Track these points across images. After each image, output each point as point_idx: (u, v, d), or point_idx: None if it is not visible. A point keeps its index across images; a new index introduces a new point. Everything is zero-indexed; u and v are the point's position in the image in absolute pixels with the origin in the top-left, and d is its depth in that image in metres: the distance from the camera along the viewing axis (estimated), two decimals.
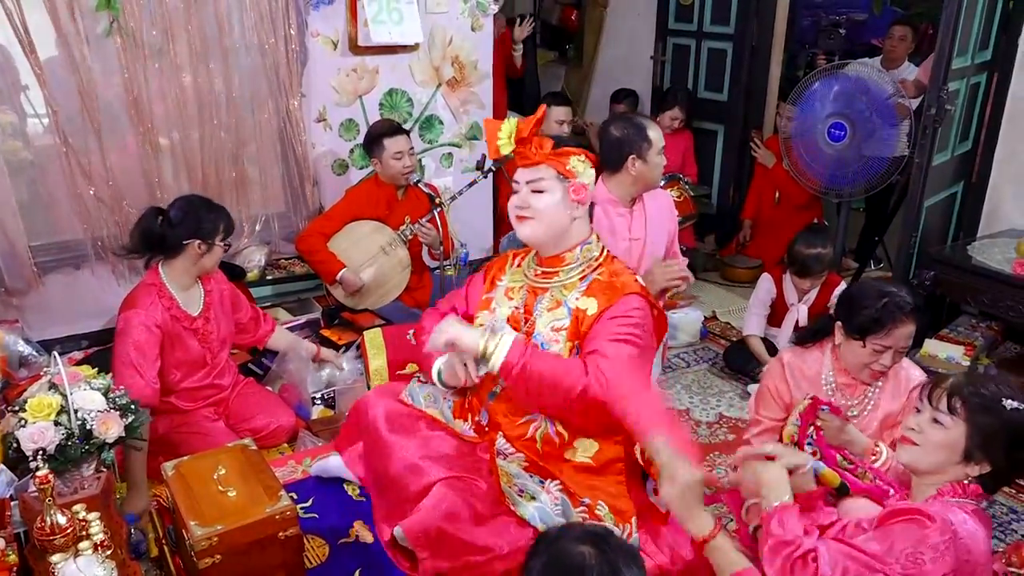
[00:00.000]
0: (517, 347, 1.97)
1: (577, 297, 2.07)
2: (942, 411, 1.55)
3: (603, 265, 2.11)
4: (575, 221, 2.08)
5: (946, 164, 3.55)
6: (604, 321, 2.01)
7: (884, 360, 2.12)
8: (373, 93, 3.85)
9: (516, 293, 2.17)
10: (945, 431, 1.54)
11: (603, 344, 1.97)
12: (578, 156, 2.05)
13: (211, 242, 2.62)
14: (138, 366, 2.52)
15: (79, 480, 2.08)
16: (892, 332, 2.08)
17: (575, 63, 6.19)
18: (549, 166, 2.03)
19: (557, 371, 1.94)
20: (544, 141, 2.04)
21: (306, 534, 2.29)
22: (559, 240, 2.09)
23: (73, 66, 3.04)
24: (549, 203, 2.04)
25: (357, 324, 3.47)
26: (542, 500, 2.02)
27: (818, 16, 6.52)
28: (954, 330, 3.51)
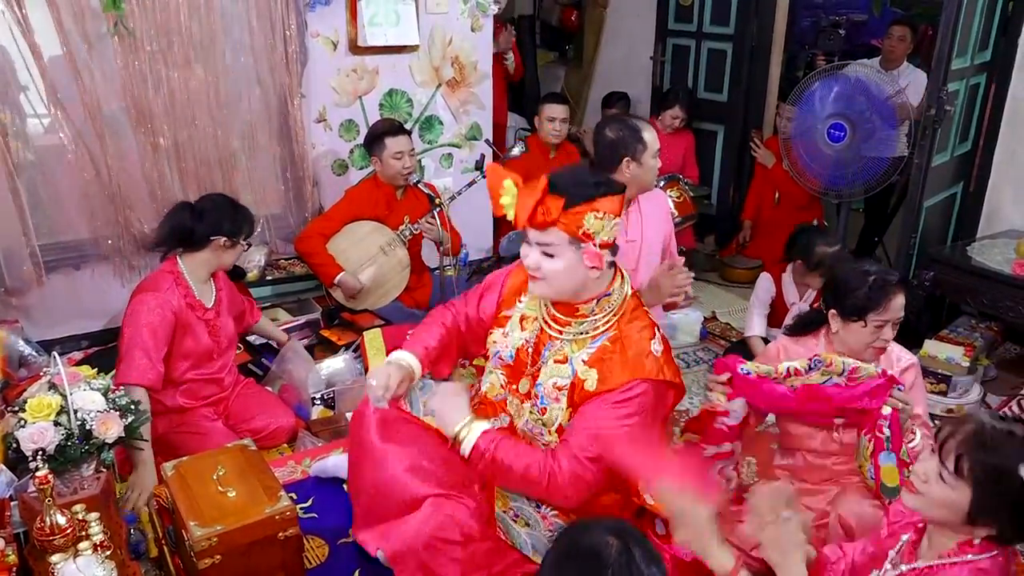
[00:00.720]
0: (485, 437, 1.89)
1: (583, 360, 1.92)
2: (948, 469, 1.43)
3: (620, 321, 1.93)
4: (592, 281, 1.89)
5: (946, 165, 3.55)
6: (598, 403, 1.87)
7: (885, 334, 2.16)
8: (373, 94, 3.85)
9: (530, 324, 2.04)
10: (949, 491, 1.43)
11: (583, 436, 1.86)
12: (596, 213, 1.78)
13: (235, 240, 2.71)
14: (147, 348, 2.54)
15: (79, 480, 2.08)
16: (888, 306, 2.14)
17: (575, 63, 6.20)
18: (560, 230, 1.80)
19: (522, 466, 1.87)
20: (552, 203, 1.77)
21: (306, 534, 2.29)
22: (574, 296, 1.93)
23: (76, 66, 3.04)
24: (559, 269, 1.84)
25: (357, 324, 3.47)
26: (537, 528, 1.99)
27: (818, 17, 6.52)
28: (954, 331, 3.51)
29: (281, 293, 3.81)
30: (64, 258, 3.32)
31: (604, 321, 1.93)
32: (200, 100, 3.36)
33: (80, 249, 3.34)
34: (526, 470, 1.87)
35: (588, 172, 1.96)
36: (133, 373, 2.51)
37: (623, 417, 1.84)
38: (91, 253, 3.35)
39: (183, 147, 3.38)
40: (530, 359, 2.02)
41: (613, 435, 1.82)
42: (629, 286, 2.00)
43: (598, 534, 1.24)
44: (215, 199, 2.79)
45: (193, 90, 3.32)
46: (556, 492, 1.87)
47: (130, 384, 2.50)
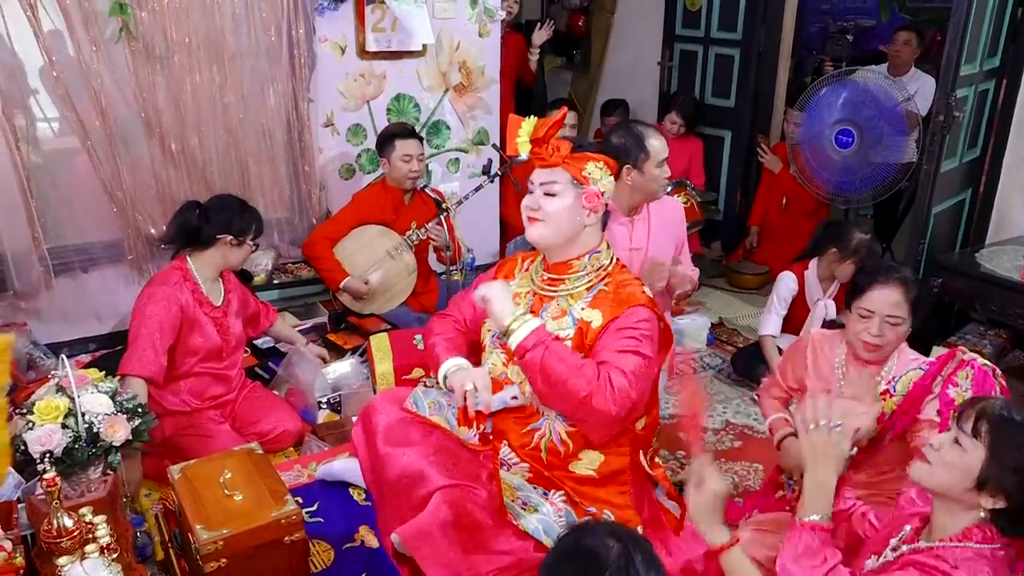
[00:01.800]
0: (537, 334, 1.94)
1: (583, 307, 2.02)
2: (965, 432, 1.45)
3: (611, 275, 2.06)
4: (586, 229, 2.03)
5: (954, 171, 3.54)
6: (610, 333, 1.97)
7: (871, 328, 2.10)
8: (380, 98, 3.86)
9: (523, 299, 2.12)
10: (962, 453, 1.44)
11: (612, 356, 1.94)
12: (596, 162, 2.00)
13: (242, 240, 2.74)
14: (152, 340, 2.57)
15: (86, 483, 2.09)
16: (870, 295, 2.11)
17: (582, 69, 6.20)
18: (564, 169, 1.98)
19: (569, 369, 1.90)
20: (562, 144, 1.98)
21: (312, 538, 2.29)
22: (567, 246, 2.04)
23: (84, 71, 3.05)
24: (559, 207, 1.98)
25: (363, 328, 3.47)
26: (545, 512, 1.99)
27: (825, 22, 6.53)
28: (962, 337, 3.49)
29: (288, 297, 3.81)
30: (73, 261, 3.33)
31: (596, 275, 2.05)
32: (208, 104, 3.37)
33: (89, 252, 3.35)
34: (579, 369, 1.90)
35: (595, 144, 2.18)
36: (135, 364, 2.53)
37: (639, 337, 1.94)
38: (100, 256, 3.36)
39: (191, 151, 3.39)
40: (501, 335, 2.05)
41: (635, 351, 1.93)
42: (614, 254, 2.12)
43: (599, 536, 1.25)
44: (223, 199, 2.83)
45: (201, 94, 3.33)
46: (601, 399, 1.87)
47: (131, 375, 2.52)
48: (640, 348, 1.94)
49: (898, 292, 2.10)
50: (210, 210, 2.72)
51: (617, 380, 1.88)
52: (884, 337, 2.12)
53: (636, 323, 1.96)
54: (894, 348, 2.17)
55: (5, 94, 2.96)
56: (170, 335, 2.62)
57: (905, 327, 2.13)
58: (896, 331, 2.12)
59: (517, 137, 2.00)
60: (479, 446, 2.17)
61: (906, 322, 2.12)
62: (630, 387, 1.89)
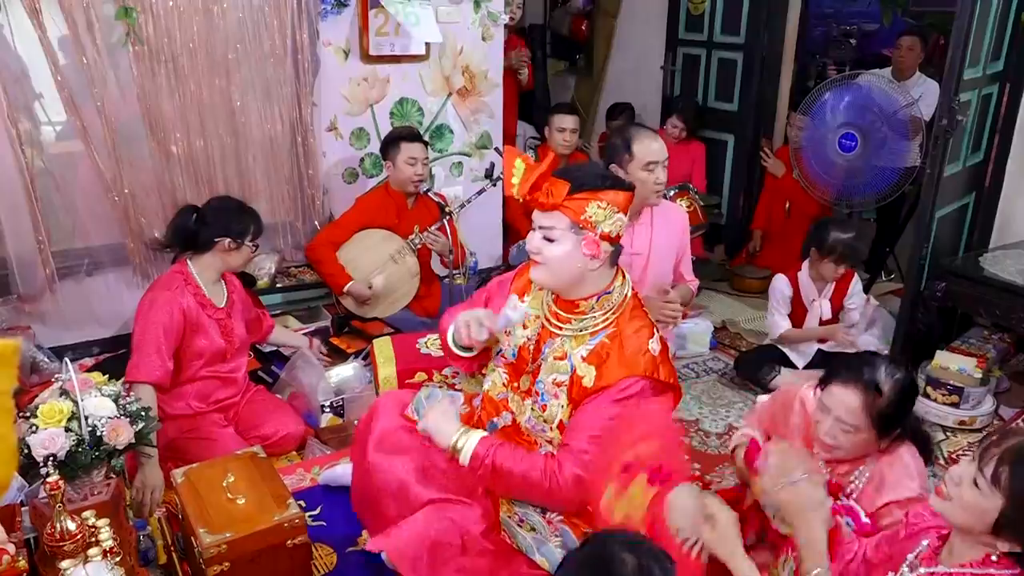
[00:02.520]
0: (483, 443, 1.91)
1: (582, 356, 1.93)
2: (985, 475, 1.39)
3: (618, 323, 1.93)
4: (591, 272, 1.89)
5: (958, 175, 3.53)
6: (595, 406, 1.88)
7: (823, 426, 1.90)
8: (384, 102, 3.87)
9: (532, 322, 2.05)
10: (980, 497, 1.39)
11: (583, 439, 1.86)
12: (600, 202, 1.82)
13: (240, 242, 2.72)
14: (158, 345, 2.58)
15: (89, 486, 2.09)
16: (830, 389, 1.90)
17: (585, 73, 6.21)
18: (563, 214, 1.84)
19: (523, 466, 1.88)
20: (557, 185, 1.83)
21: (314, 542, 2.29)
22: (574, 288, 1.93)
23: (89, 75, 3.06)
24: (558, 254, 1.86)
25: (366, 332, 3.48)
26: (542, 532, 1.98)
27: (829, 26, 6.52)
28: (966, 341, 3.49)
29: (291, 301, 3.81)
30: (77, 265, 3.34)
31: (603, 318, 1.94)
32: (212, 108, 3.37)
33: (93, 256, 3.35)
34: (526, 473, 1.87)
35: (599, 167, 2.02)
36: (142, 370, 2.54)
37: (620, 415, 1.86)
38: (104, 260, 3.36)
39: (196, 155, 3.39)
40: (531, 356, 2.03)
41: (612, 435, 1.83)
42: (630, 287, 2.01)
43: (615, 548, 1.23)
44: (220, 201, 2.82)
45: (205, 98, 3.34)
46: (557, 495, 1.88)
47: (139, 381, 2.52)
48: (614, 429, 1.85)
49: (855, 397, 1.83)
50: (207, 213, 2.71)
51: (569, 473, 1.84)
52: (836, 439, 1.87)
53: (623, 400, 1.86)
54: (856, 456, 1.91)
55: (10, 98, 2.97)
56: (174, 339, 2.63)
57: (861, 438, 1.85)
58: (849, 439, 1.86)
59: (512, 177, 1.89)
60: None
61: (861, 433, 1.84)
62: (588, 472, 1.84)
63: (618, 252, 1.95)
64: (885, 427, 1.85)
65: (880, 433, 1.86)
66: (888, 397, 1.82)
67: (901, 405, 1.85)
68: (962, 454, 1.92)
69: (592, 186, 1.84)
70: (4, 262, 3.15)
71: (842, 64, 6.01)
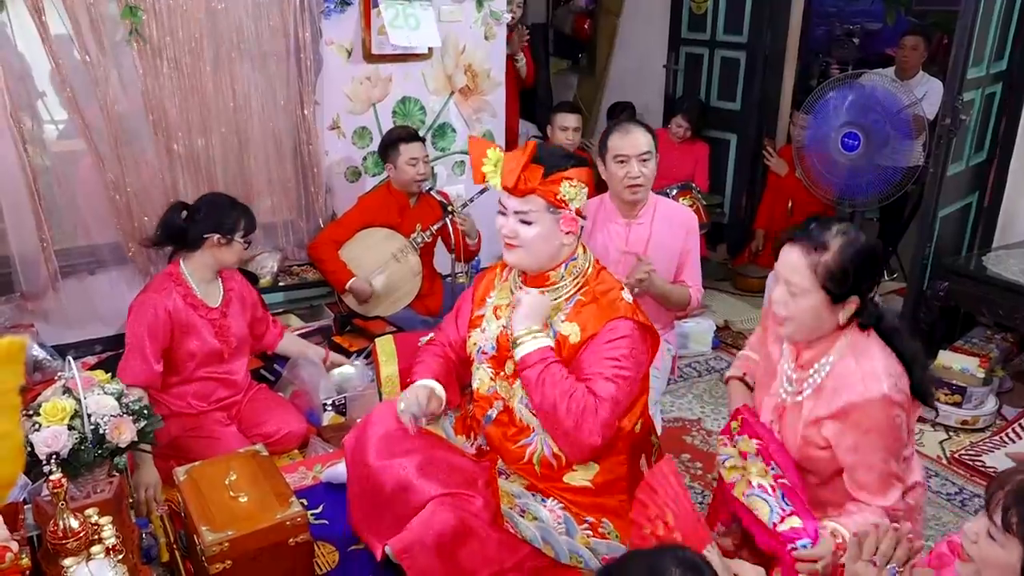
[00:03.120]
0: (540, 352, 1.93)
1: (562, 320, 1.98)
2: (996, 524, 1.32)
3: (588, 283, 2.01)
4: (563, 247, 1.98)
5: (961, 174, 3.53)
6: (591, 351, 1.93)
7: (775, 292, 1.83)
8: (386, 101, 3.87)
9: (504, 311, 2.08)
10: (999, 549, 1.31)
11: (594, 381, 1.91)
12: (570, 180, 1.91)
13: (230, 237, 2.68)
14: (142, 349, 2.58)
15: (92, 484, 2.09)
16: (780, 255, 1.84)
17: (587, 72, 6.21)
18: (539, 196, 1.90)
19: (561, 395, 1.89)
20: (531, 172, 1.88)
21: (316, 540, 2.29)
22: (545, 264, 2.00)
23: (92, 73, 3.07)
24: (537, 234, 1.93)
25: (369, 331, 3.48)
26: (544, 518, 1.98)
27: (832, 25, 6.51)
28: (968, 341, 3.48)
29: (293, 299, 3.82)
30: (79, 263, 3.34)
31: (574, 284, 2.01)
32: (215, 107, 3.38)
33: (95, 254, 3.36)
34: (570, 398, 1.89)
35: (561, 149, 2.10)
36: (128, 374, 2.54)
37: (620, 358, 1.91)
38: (106, 258, 3.37)
39: (198, 153, 3.40)
40: (510, 342, 2.04)
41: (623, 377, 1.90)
42: (591, 256, 2.07)
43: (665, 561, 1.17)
44: (210, 198, 2.78)
45: (208, 97, 3.34)
46: (585, 429, 1.88)
47: (126, 384, 2.52)
48: (621, 370, 1.90)
49: (799, 254, 1.75)
50: (196, 210, 2.68)
51: (602, 412, 1.87)
52: (787, 307, 1.79)
53: (618, 340, 1.91)
54: (808, 329, 1.80)
55: (13, 97, 2.97)
56: (161, 341, 2.61)
57: (810, 304, 1.75)
58: (799, 305, 1.76)
59: (483, 164, 1.91)
60: (475, 456, 2.17)
61: (810, 296, 1.74)
62: (612, 416, 1.89)
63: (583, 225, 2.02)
64: (835, 288, 1.73)
65: (831, 297, 1.74)
66: (834, 253, 1.72)
67: (851, 265, 1.72)
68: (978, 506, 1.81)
69: (561, 166, 1.92)
70: (7, 260, 3.16)
71: (845, 63, 6.00)
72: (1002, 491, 1.33)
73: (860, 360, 1.77)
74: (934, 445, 3.08)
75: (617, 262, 2.78)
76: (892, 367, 1.76)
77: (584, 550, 1.97)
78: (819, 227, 1.77)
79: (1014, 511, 1.30)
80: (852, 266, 1.72)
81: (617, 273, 2.82)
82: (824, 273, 1.72)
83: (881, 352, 1.78)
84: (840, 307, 1.76)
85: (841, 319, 1.78)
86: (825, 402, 1.80)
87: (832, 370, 1.81)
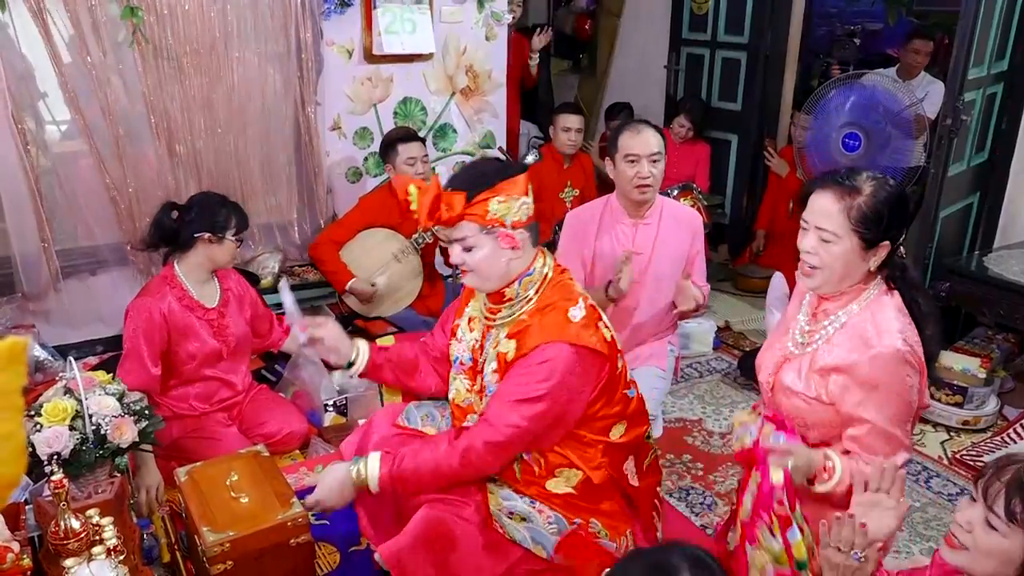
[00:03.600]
0: (383, 463, 1.92)
1: (504, 337, 1.96)
2: (998, 514, 1.29)
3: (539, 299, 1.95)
4: (516, 262, 1.93)
5: (962, 175, 3.53)
6: (511, 372, 1.89)
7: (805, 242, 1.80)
8: (387, 101, 3.87)
9: (476, 324, 2.09)
10: (999, 539, 1.29)
11: (495, 408, 1.89)
12: (498, 197, 1.84)
13: (222, 236, 2.66)
14: (139, 353, 2.57)
15: (93, 485, 2.10)
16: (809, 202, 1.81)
17: (588, 72, 6.21)
18: (470, 222, 1.87)
19: (430, 461, 1.89)
20: (454, 198, 1.85)
21: (317, 541, 2.29)
22: (501, 283, 1.96)
23: (93, 74, 3.07)
24: (482, 258, 1.89)
25: (370, 331, 3.48)
26: (534, 520, 1.98)
27: (833, 26, 6.51)
28: (970, 341, 3.48)
29: (295, 300, 3.81)
30: (81, 263, 3.35)
31: (536, 293, 1.96)
32: (216, 107, 3.38)
33: (97, 255, 3.36)
34: (436, 465, 1.88)
35: (489, 163, 2.03)
36: (125, 378, 2.52)
37: (538, 381, 1.83)
38: (107, 259, 3.38)
39: (200, 154, 3.40)
40: (479, 356, 2.06)
41: (531, 400, 1.83)
42: (551, 264, 2.02)
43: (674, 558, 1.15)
44: (201, 197, 2.75)
45: (209, 97, 3.35)
46: (477, 465, 1.89)
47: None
48: (530, 394, 1.84)
49: (831, 198, 1.72)
50: (187, 210, 2.66)
51: (484, 438, 1.86)
52: (818, 256, 1.75)
53: (539, 365, 1.85)
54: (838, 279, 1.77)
55: (15, 98, 2.98)
56: (157, 344, 2.60)
57: (844, 250, 1.72)
58: (831, 253, 1.73)
59: (410, 204, 1.89)
60: None
61: (843, 242, 1.71)
62: (498, 436, 1.85)
63: (535, 230, 1.97)
64: (868, 232, 1.69)
65: (864, 242, 1.70)
66: (867, 196, 1.69)
67: (885, 207, 1.69)
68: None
69: (485, 186, 1.85)
70: (8, 260, 3.16)
71: (846, 64, 6.00)
72: (1000, 481, 1.32)
73: (876, 316, 1.74)
74: (935, 445, 3.08)
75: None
76: (907, 329, 1.72)
77: None
78: (848, 172, 1.73)
79: (1017, 500, 1.28)
80: (886, 208, 1.69)
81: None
82: (858, 216, 1.69)
83: (898, 313, 1.75)
84: (872, 253, 1.73)
85: (872, 266, 1.74)
86: (835, 352, 1.76)
87: (848, 321, 1.77)
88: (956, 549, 1.37)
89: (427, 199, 1.85)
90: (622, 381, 2.01)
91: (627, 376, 2.06)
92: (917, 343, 1.73)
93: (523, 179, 1.91)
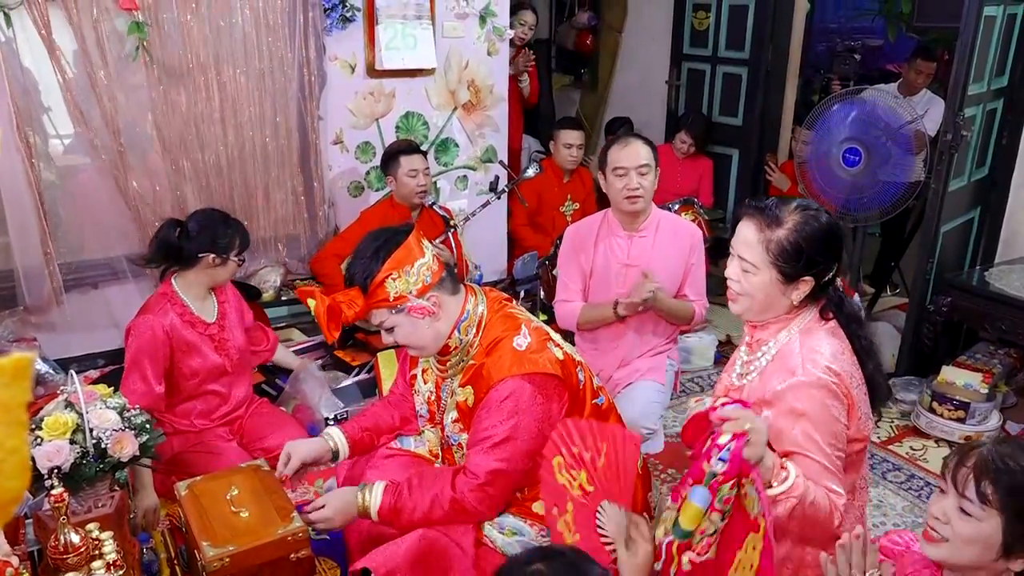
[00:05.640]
0: (387, 492, 1.94)
1: (458, 385, 1.99)
2: (970, 499, 1.29)
3: (481, 340, 1.96)
4: (442, 322, 1.95)
5: (963, 190, 3.54)
6: (476, 419, 1.91)
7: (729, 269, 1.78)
8: (390, 116, 3.89)
9: (429, 375, 2.12)
10: (976, 524, 1.29)
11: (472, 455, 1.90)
12: (390, 275, 1.85)
13: (225, 256, 2.66)
14: (143, 371, 2.56)
15: (93, 499, 2.09)
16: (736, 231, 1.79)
17: (590, 87, 6.23)
18: (377, 309, 1.90)
19: (427, 502, 1.90)
20: (351, 295, 1.87)
21: (318, 556, 2.27)
22: (438, 345, 1.99)
23: (98, 89, 3.09)
24: (408, 333, 1.94)
25: (371, 345, 3.47)
26: (526, 533, 1.98)
27: (833, 41, 6.54)
28: (972, 356, 3.48)
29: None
30: (83, 277, 3.35)
31: (470, 344, 1.97)
32: (220, 122, 3.40)
33: (99, 268, 3.37)
34: (431, 509, 1.90)
35: (368, 246, 1.96)
36: (131, 397, 2.51)
37: (502, 422, 1.85)
38: (110, 272, 3.38)
39: (202, 168, 3.42)
40: (437, 407, 2.09)
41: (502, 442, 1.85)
42: (483, 300, 2.01)
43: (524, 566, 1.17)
44: (204, 214, 2.72)
45: (213, 112, 3.37)
46: (471, 514, 1.92)
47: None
48: (498, 436, 1.85)
49: (751, 228, 1.68)
50: (191, 228, 2.63)
51: (472, 492, 1.88)
52: (740, 284, 1.73)
53: (500, 404, 1.86)
54: (760, 308, 1.72)
55: (19, 111, 2.99)
56: (161, 361, 2.60)
57: (763, 281, 1.68)
58: (751, 282, 1.69)
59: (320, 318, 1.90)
60: None
61: (762, 273, 1.67)
62: (486, 487, 1.87)
63: (450, 275, 1.97)
64: (786, 266, 1.64)
65: (783, 275, 1.66)
66: (788, 230, 1.64)
67: (805, 243, 1.64)
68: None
69: (372, 272, 1.86)
70: (11, 274, 3.16)
71: (846, 79, 6.01)
72: (966, 467, 1.32)
73: (805, 344, 1.68)
74: (938, 461, 3.07)
75: (619, 275, 2.79)
76: (839, 356, 1.65)
77: None
78: (778, 202, 1.69)
79: (987, 482, 1.28)
80: (806, 244, 1.64)
81: (619, 286, 2.83)
82: (776, 250, 1.65)
83: (830, 339, 1.68)
84: (794, 287, 1.68)
85: (794, 299, 1.70)
86: (764, 385, 1.70)
87: (779, 351, 1.72)
88: (936, 543, 1.36)
89: (323, 309, 1.86)
90: (588, 392, 2.02)
91: (593, 385, 2.06)
92: (848, 372, 1.66)
93: (411, 241, 1.91)
